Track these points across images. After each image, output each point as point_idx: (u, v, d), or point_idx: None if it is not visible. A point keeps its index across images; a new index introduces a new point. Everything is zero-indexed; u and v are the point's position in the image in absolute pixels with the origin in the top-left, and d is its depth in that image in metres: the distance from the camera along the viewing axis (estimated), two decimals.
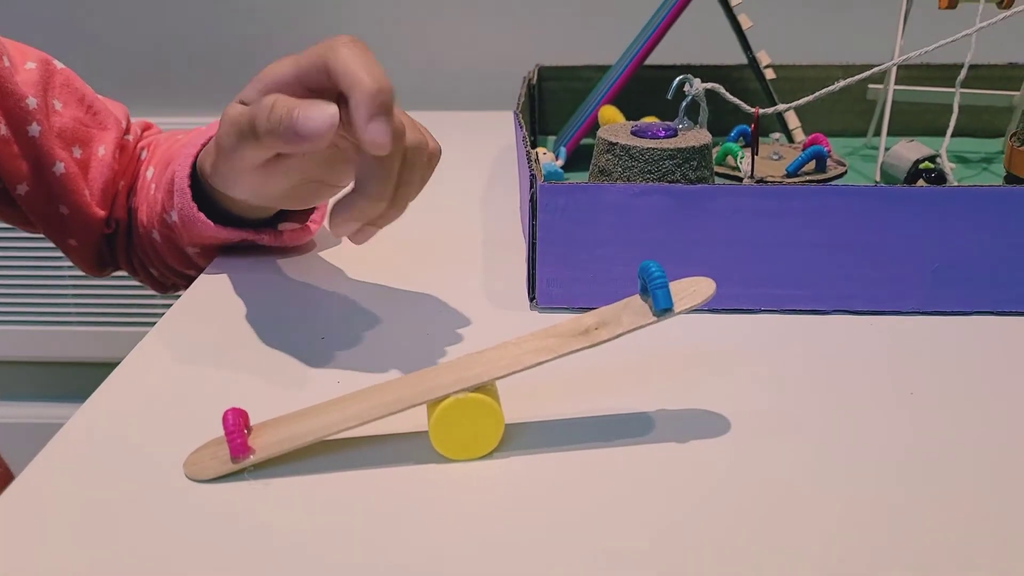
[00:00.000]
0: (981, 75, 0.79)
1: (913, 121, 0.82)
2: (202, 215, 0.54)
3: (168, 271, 0.65)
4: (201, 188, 0.54)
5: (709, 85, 0.53)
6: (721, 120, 0.70)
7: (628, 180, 0.52)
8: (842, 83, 0.55)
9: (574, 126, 0.75)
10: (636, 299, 0.38)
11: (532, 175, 0.49)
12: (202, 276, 0.56)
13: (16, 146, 0.59)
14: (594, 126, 0.71)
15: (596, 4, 1.04)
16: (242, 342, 0.48)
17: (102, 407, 0.42)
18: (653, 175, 0.51)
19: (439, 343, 0.47)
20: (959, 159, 0.76)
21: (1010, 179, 0.55)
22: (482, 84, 1.08)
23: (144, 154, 0.67)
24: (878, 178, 0.68)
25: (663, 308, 0.37)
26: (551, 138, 0.85)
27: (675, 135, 0.53)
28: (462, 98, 1.09)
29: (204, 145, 0.54)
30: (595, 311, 0.39)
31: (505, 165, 0.80)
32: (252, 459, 0.36)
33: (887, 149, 0.67)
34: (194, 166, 0.54)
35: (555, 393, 0.42)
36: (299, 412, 0.38)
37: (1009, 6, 0.69)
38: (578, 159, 0.73)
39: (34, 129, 0.59)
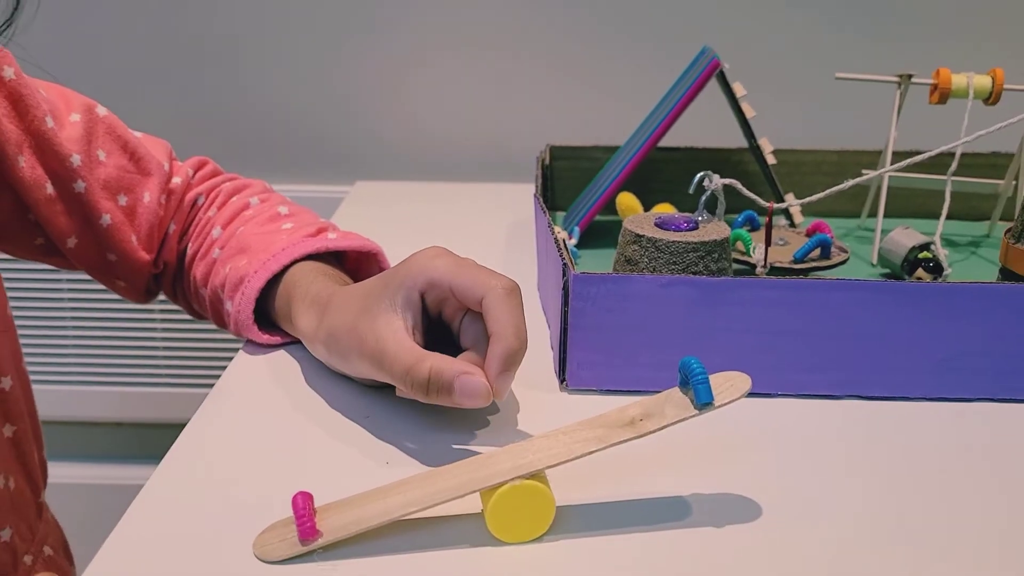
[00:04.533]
0: (967, 163, 0.83)
1: (903, 205, 0.86)
2: (255, 327, 0.57)
3: (205, 310, 0.67)
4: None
5: (727, 181, 0.57)
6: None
7: (654, 271, 0.55)
8: (851, 182, 0.60)
9: (585, 204, 0.78)
10: (676, 392, 0.41)
11: (564, 264, 0.52)
12: (242, 352, 0.58)
13: (62, 204, 0.61)
14: (607, 206, 0.75)
15: (599, 87, 1.08)
16: (288, 420, 0.50)
17: (162, 489, 0.44)
18: (678, 266, 0.54)
19: (477, 422, 0.50)
20: (948, 243, 0.80)
21: (1006, 273, 0.59)
22: (487, 156, 1.12)
23: (201, 200, 0.67)
24: (875, 261, 0.72)
25: (704, 402, 0.40)
26: (559, 214, 0.88)
27: (696, 227, 0.56)
28: (464, 170, 1.12)
29: (287, 265, 0.57)
30: (637, 401, 0.41)
31: (518, 240, 0.83)
32: (320, 542, 0.38)
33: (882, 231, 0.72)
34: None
35: (596, 476, 0.45)
36: (363, 495, 0.40)
37: (996, 103, 0.74)
38: (587, 235, 0.76)
39: (79, 185, 0.60)
